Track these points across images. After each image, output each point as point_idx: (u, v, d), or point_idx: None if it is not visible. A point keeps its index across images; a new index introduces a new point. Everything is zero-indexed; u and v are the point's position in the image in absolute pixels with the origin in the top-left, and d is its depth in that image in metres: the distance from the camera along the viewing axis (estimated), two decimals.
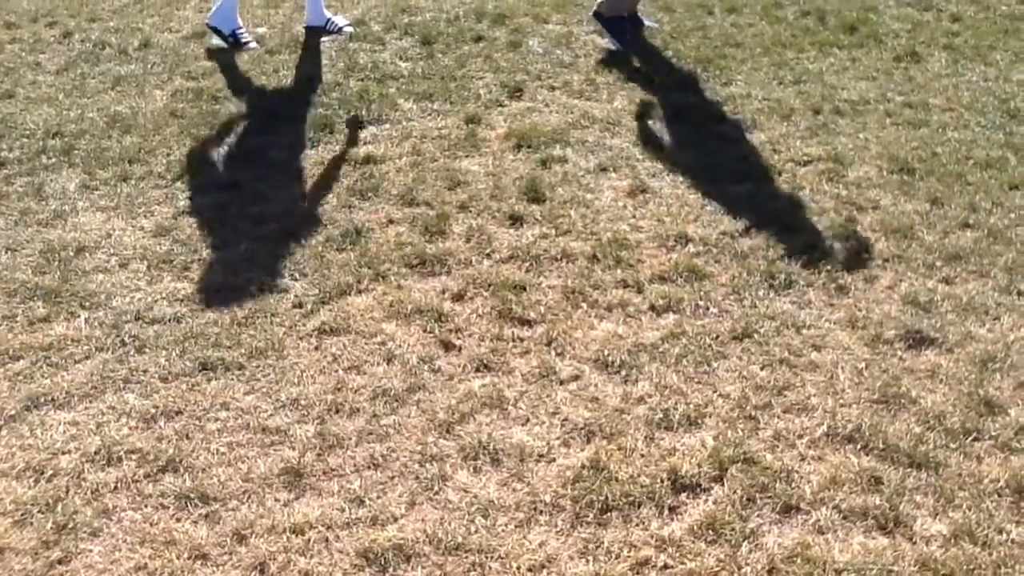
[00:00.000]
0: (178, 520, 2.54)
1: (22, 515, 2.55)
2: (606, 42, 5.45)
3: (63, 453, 2.75)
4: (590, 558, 2.43)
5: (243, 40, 5.49)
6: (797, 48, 5.53)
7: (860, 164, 4.31)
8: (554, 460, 2.73)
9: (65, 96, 5.00)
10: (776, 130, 4.61)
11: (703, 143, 4.49)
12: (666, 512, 2.56)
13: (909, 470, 2.69)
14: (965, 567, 2.40)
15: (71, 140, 4.52)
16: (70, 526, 2.51)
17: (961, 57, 5.44)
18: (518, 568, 2.40)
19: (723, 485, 2.64)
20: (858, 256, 3.65)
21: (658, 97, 4.94)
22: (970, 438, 2.81)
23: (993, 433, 2.82)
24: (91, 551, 2.46)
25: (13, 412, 2.89)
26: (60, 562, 2.42)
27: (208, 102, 4.89)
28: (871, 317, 3.31)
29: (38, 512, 2.55)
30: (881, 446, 2.77)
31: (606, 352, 3.13)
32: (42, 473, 2.68)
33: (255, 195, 4.06)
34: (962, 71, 5.28)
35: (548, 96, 4.95)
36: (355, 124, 4.42)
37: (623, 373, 3.06)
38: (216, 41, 5.50)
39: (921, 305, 3.37)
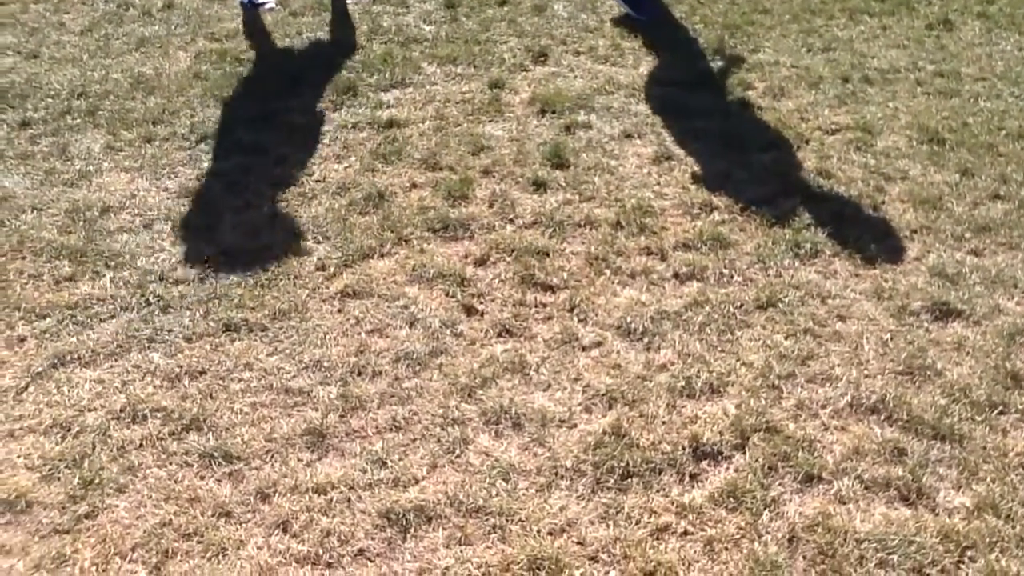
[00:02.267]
0: (202, 478, 2.57)
1: (49, 470, 2.58)
2: (625, 8, 5.37)
3: (89, 410, 2.78)
4: (610, 523, 2.44)
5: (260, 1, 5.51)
6: (826, 15, 5.44)
7: (889, 133, 4.25)
8: (575, 426, 2.73)
9: (89, 57, 5.00)
10: (804, 98, 4.55)
11: (729, 110, 4.44)
12: (687, 479, 2.56)
13: (933, 442, 2.68)
14: (988, 539, 2.39)
15: (96, 101, 4.52)
16: (96, 482, 2.54)
17: (995, 26, 5.34)
18: (538, 531, 2.41)
19: (745, 453, 2.63)
20: (885, 226, 3.61)
21: (685, 63, 4.88)
22: (996, 411, 2.78)
23: (1019, 407, 2.80)
24: (117, 506, 2.49)
25: (40, 369, 2.92)
26: (87, 516, 2.45)
27: (231, 64, 4.88)
28: (897, 288, 3.28)
29: (65, 468, 2.59)
30: (905, 417, 2.75)
31: (629, 319, 3.12)
32: (69, 429, 2.71)
33: (278, 158, 4.05)
34: (996, 40, 5.18)
35: (573, 61, 4.90)
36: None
37: (646, 340, 3.05)
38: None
39: (949, 277, 3.34)
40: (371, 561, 2.35)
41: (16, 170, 3.98)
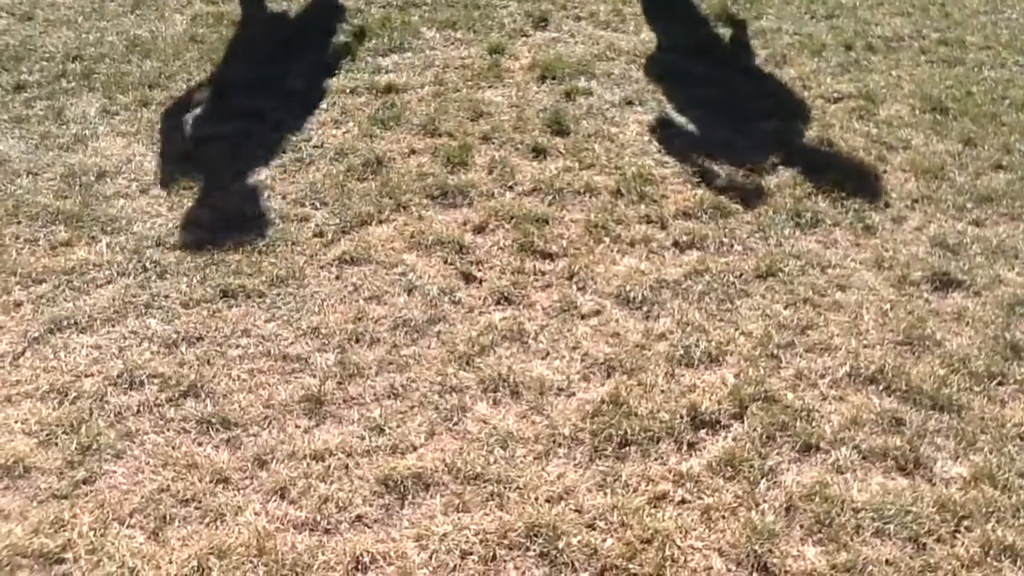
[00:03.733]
0: (200, 444, 2.57)
1: (47, 435, 2.58)
2: None
3: (86, 376, 2.77)
4: (608, 491, 2.44)
5: None
6: None
7: (892, 102, 4.22)
8: (574, 394, 2.73)
9: (84, 19, 4.94)
10: (807, 66, 4.51)
11: (731, 78, 4.40)
12: (685, 448, 2.56)
13: (931, 412, 2.68)
14: (984, 510, 2.39)
15: (91, 64, 4.47)
16: (94, 447, 2.54)
17: None
18: (536, 499, 2.41)
19: (743, 422, 2.63)
20: (887, 196, 3.59)
21: (687, 30, 4.83)
22: (994, 382, 2.78)
23: (1018, 377, 2.80)
24: (115, 472, 2.48)
25: (37, 335, 2.91)
26: (85, 482, 2.45)
27: (228, 27, 4.82)
28: (898, 258, 3.27)
29: (63, 433, 2.58)
30: (904, 388, 2.75)
31: (628, 287, 3.10)
32: (66, 395, 2.70)
33: (275, 123, 4.01)
34: (1001, 8, 5.13)
35: (574, 26, 4.85)
36: None
37: (645, 309, 3.03)
38: None
39: (949, 247, 3.32)
40: (369, 527, 2.36)
41: (11, 134, 3.94)
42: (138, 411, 2.66)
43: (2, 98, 4.20)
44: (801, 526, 2.36)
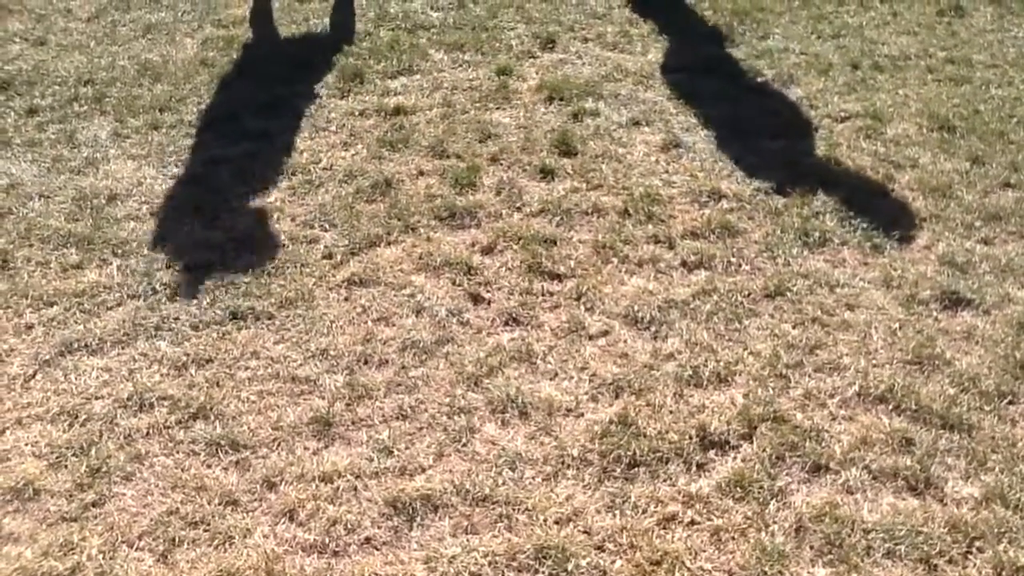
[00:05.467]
0: (209, 466, 2.57)
1: (57, 458, 2.59)
2: None
3: (96, 398, 2.78)
4: (617, 512, 2.43)
5: None
6: (837, 1, 5.40)
7: (899, 121, 4.22)
8: (582, 415, 2.73)
9: (96, 44, 4.99)
10: (813, 85, 4.52)
11: (738, 97, 4.42)
12: (694, 469, 2.56)
13: (941, 432, 2.66)
14: (996, 530, 2.38)
15: (102, 88, 4.51)
16: (103, 470, 2.55)
17: (1007, 12, 5.29)
18: (545, 520, 2.41)
19: (752, 443, 2.62)
20: (895, 215, 3.59)
21: (693, 50, 4.85)
22: (1005, 401, 2.77)
23: None
24: (124, 495, 2.49)
25: (47, 357, 2.93)
26: (94, 504, 2.46)
27: (238, 50, 4.87)
28: (906, 277, 3.26)
29: (72, 456, 2.59)
30: (913, 407, 2.73)
31: (636, 308, 3.11)
32: (76, 417, 2.72)
33: (284, 145, 4.04)
34: (1008, 26, 5.14)
35: (581, 48, 4.88)
36: None
37: (653, 329, 3.03)
38: None
39: (958, 266, 3.32)
40: (377, 550, 2.35)
41: (23, 157, 3.98)
42: (148, 433, 2.67)
43: (15, 122, 4.25)
44: (811, 547, 2.35)
